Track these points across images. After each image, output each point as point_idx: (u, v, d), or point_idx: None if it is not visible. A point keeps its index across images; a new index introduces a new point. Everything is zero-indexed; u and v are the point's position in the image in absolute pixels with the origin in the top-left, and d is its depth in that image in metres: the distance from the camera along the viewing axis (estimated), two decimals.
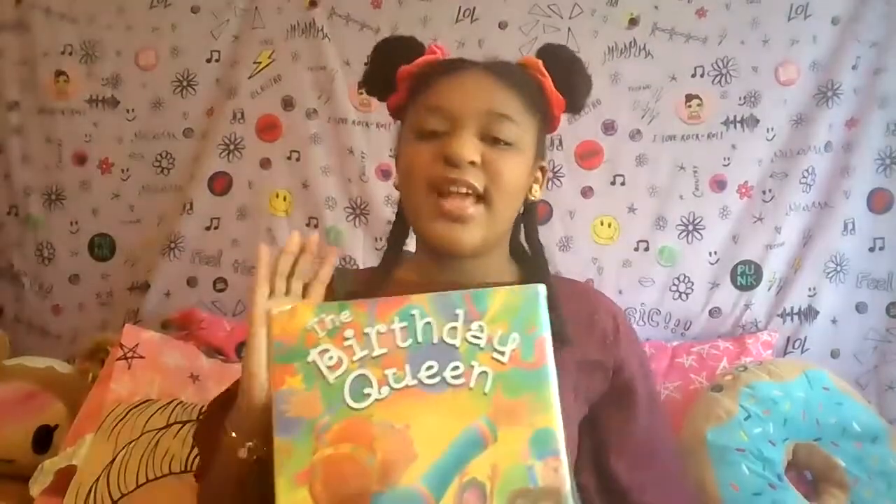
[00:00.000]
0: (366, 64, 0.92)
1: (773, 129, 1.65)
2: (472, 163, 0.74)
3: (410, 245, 0.91)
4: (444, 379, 0.60)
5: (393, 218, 0.90)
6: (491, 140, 0.76)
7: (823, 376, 1.38)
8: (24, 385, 1.41)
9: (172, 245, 1.71)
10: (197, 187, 1.72)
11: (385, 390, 0.60)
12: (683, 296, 1.68)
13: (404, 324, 0.62)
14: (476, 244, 0.77)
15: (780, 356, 1.62)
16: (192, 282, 1.73)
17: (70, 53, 1.74)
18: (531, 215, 0.87)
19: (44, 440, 1.37)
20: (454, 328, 0.62)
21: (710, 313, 1.67)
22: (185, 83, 1.75)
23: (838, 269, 1.64)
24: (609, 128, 1.69)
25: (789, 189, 1.64)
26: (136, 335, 1.37)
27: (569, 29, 1.69)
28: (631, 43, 1.68)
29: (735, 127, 1.66)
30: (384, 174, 1.71)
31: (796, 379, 1.35)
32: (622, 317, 0.86)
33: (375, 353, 0.61)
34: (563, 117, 0.88)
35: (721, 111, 1.66)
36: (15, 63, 1.75)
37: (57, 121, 1.75)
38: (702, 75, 1.67)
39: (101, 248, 1.77)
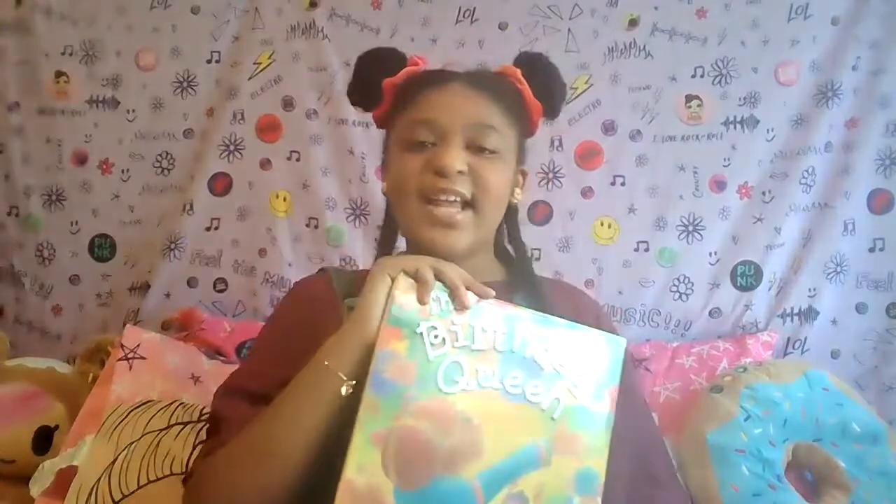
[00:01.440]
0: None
1: (773, 129, 1.65)
2: (460, 172, 0.78)
3: (401, 245, 0.94)
4: (523, 392, 0.64)
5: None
6: (476, 149, 0.80)
7: (823, 377, 1.38)
8: (24, 386, 1.41)
9: (172, 245, 1.71)
10: (197, 188, 1.72)
11: (473, 383, 0.63)
12: (683, 296, 1.68)
13: (507, 329, 0.66)
14: (465, 248, 0.81)
15: (780, 357, 1.63)
16: (192, 282, 1.73)
17: (70, 54, 1.74)
18: (513, 217, 0.92)
19: (44, 441, 1.36)
20: (547, 350, 0.66)
21: (710, 314, 1.67)
22: (185, 84, 1.75)
23: (838, 269, 1.64)
24: (609, 128, 1.69)
25: (789, 189, 1.64)
26: (137, 336, 1.36)
27: (569, 29, 1.69)
28: (631, 43, 1.68)
29: (735, 127, 1.66)
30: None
31: (796, 380, 1.35)
32: (605, 317, 0.90)
33: (475, 347, 0.65)
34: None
35: (721, 112, 1.66)
36: (15, 63, 1.75)
37: (57, 121, 1.75)
38: (702, 76, 1.67)
39: (102, 248, 1.77)
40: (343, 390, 0.66)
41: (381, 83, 0.86)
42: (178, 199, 1.74)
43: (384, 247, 0.93)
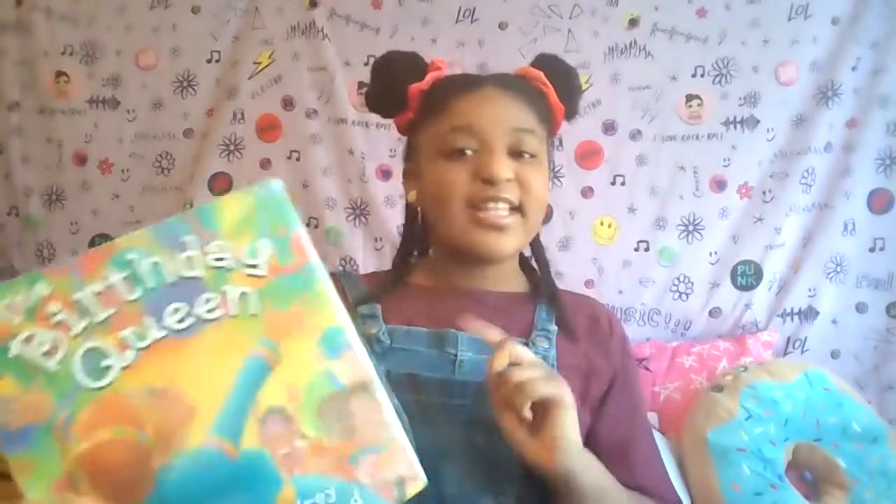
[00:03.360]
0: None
1: (773, 129, 1.65)
2: (508, 180, 0.77)
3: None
4: (198, 318, 0.52)
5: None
6: (517, 154, 0.78)
7: (824, 377, 1.38)
8: None
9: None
10: (197, 187, 1.72)
11: (129, 355, 0.51)
12: (683, 296, 1.68)
13: (125, 273, 0.52)
14: (511, 251, 0.80)
15: (781, 356, 1.63)
16: None
17: (70, 54, 1.74)
18: None
19: None
20: (190, 258, 0.53)
21: (711, 313, 1.67)
22: (185, 83, 1.75)
23: (838, 269, 1.64)
24: (609, 128, 1.69)
25: (789, 189, 1.64)
26: None
27: (569, 29, 1.69)
28: (631, 43, 1.68)
29: (735, 127, 1.66)
30: (384, 174, 1.71)
31: (797, 379, 1.35)
32: (621, 329, 0.88)
33: (100, 318, 0.52)
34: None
35: (721, 111, 1.66)
36: (15, 63, 1.75)
37: (57, 121, 1.75)
38: (702, 75, 1.67)
39: None
40: None
41: (404, 89, 0.84)
42: (178, 199, 1.74)
43: (407, 249, 0.91)
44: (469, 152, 0.78)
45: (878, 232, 1.64)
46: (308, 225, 1.72)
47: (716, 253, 1.68)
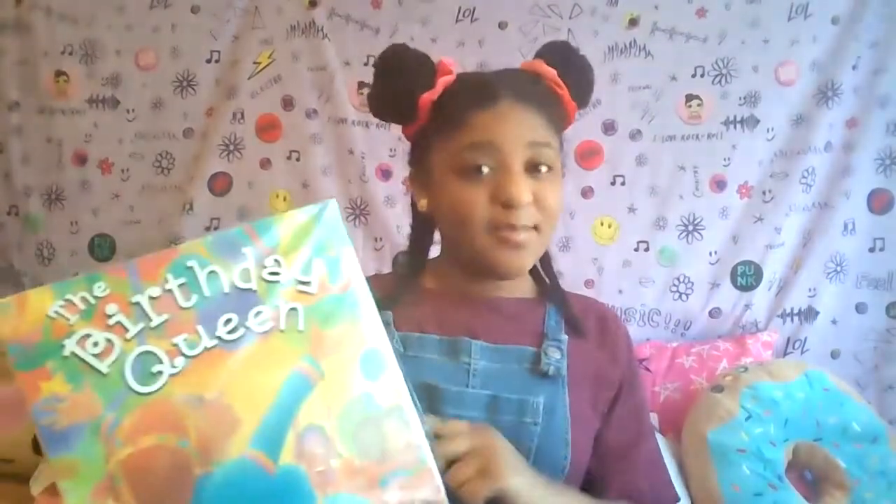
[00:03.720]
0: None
1: (773, 129, 1.65)
2: (528, 203, 0.76)
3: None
4: (248, 329, 0.53)
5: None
6: (534, 169, 0.77)
7: (823, 377, 1.38)
8: None
9: (172, 245, 1.71)
10: (197, 187, 1.72)
11: (180, 361, 0.52)
12: (683, 296, 1.68)
13: (182, 280, 0.53)
14: (529, 266, 0.80)
15: (780, 357, 1.63)
16: None
17: (70, 53, 1.74)
18: None
19: None
20: (246, 270, 0.53)
21: (710, 314, 1.67)
22: (185, 83, 1.74)
23: (838, 269, 1.64)
24: (609, 128, 1.69)
25: (789, 189, 1.64)
26: None
27: (569, 29, 1.69)
28: (631, 43, 1.68)
29: (735, 127, 1.66)
30: (384, 174, 1.71)
31: (797, 379, 1.35)
32: (626, 332, 0.87)
33: (155, 323, 0.52)
34: None
35: (721, 111, 1.66)
36: (15, 63, 1.75)
37: (57, 121, 1.75)
38: (702, 75, 1.67)
39: (101, 248, 1.77)
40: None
41: (413, 98, 0.79)
42: (178, 199, 1.74)
43: (418, 252, 0.89)
44: (486, 170, 0.75)
45: (878, 232, 1.64)
46: None
47: (716, 253, 1.67)
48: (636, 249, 1.69)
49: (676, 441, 1.39)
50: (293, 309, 0.54)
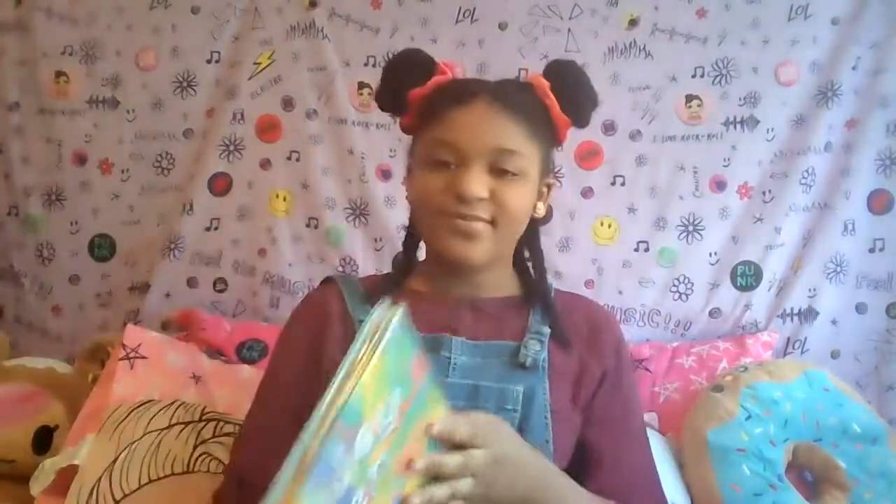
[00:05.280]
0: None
1: (772, 129, 1.65)
2: (481, 199, 0.78)
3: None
4: None
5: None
6: (499, 172, 0.79)
7: (823, 377, 1.38)
8: (24, 385, 1.41)
9: (172, 245, 1.71)
10: (197, 188, 1.72)
11: None
12: (683, 296, 1.68)
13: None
14: (484, 259, 0.81)
15: (780, 357, 1.63)
16: (192, 282, 1.73)
17: (70, 54, 1.74)
18: (534, 229, 0.91)
19: (44, 441, 1.36)
20: (340, 478, 0.50)
21: (710, 314, 1.67)
22: (185, 84, 1.74)
23: (838, 269, 1.64)
24: (609, 128, 1.69)
25: (789, 190, 1.64)
26: (138, 335, 1.36)
27: (569, 29, 1.69)
28: (631, 43, 1.68)
29: (735, 127, 1.66)
30: (384, 175, 1.71)
31: (797, 379, 1.35)
32: (617, 332, 0.88)
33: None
34: None
35: (721, 112, 1.66)
36: (15, 63, 1.75)
37: (57, 121, 1.75)
38: (702, 76, 1.67)
39: (101, 248, 1.77)
40: None
41: (407, 92, 0.86)
42: (178, 199, 1.74)
43: (407, 253, 0.94)
44: (451, 166, 0.80)
45: (878, 232, 1.64)
46: (308, 225, 1.72)
47: (716, 253, 1.68)
48: (636, 250, 1.69)
49: (676, 441, 1.39)
50: (381, 464, 0.53)
